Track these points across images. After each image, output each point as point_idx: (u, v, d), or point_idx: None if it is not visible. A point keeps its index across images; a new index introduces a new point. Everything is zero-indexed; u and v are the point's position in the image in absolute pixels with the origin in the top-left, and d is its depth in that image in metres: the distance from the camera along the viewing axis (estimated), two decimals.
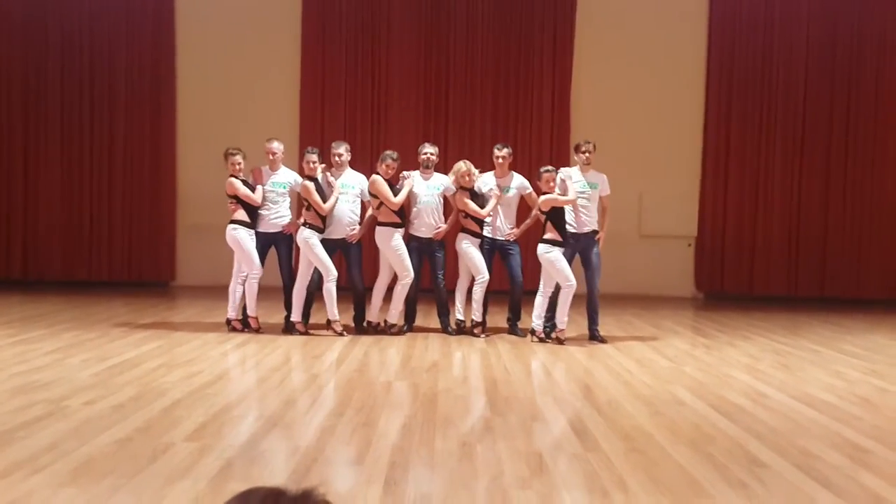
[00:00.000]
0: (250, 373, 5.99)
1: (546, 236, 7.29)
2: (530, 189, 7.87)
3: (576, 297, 7.41)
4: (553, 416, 4.79)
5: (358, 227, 7.73)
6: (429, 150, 7.79)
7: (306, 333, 7.54)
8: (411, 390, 5.37)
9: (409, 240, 7.74)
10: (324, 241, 7.47)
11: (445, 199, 7.87)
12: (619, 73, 11.73)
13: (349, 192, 7.68)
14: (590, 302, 7.61)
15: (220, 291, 8.24)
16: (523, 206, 8.05)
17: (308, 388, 5.44)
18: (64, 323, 7.91)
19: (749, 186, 11.75)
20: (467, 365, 6.36)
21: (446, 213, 7.90)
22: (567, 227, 7.40)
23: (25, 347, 6.50)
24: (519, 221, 7.88)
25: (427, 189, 7.72)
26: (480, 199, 7.63)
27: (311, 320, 7.81)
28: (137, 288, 11.37)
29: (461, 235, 7.69)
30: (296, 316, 7.57)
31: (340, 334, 7.49)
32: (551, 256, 7.24)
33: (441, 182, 7.80)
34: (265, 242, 7.73)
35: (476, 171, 7.60)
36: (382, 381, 5.67)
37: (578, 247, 7.51)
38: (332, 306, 7.48)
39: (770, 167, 11.72)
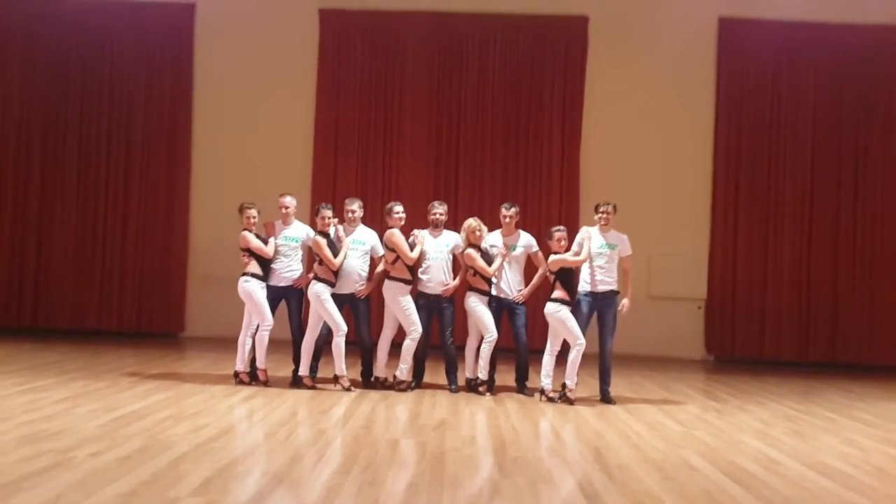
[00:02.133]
0: (257, 427, 5.95)
1: (554, 295, 7.31)
2: (536, 248, 7.91)
3: (588, 356, 7.40)
4: (562, 479, 4.72)
5: (366, 282, 7.76)
6: (438, 210, 7.88)
7: (313, 387, 7.51)
8: (419, 448, 5.32)
9: (418, 296, 7.76)
10: (332, 296, 7.50)
11: (454, 256, 7.91)
12: (629, 134, 11.89)
13: (359, 247, 7.74)
14: (602, 362, 7.55)
15: (229, 343, 8.24)
16: (530, 266, 8.06)
17: (315, 444, 5.40)
18: (73, 372, 7.91)
19: (758, 249, 11.77)
20: (475, 424, 6.30)
21: (455, 271, 7.93)
22: (582, 283, 7.43)
23: (34, 396, 6.49)
24: (526, 281, 7.89)
25: (436, 246, 7.77)
26: (487, 257, 7.67)
27: (319, 374, 7.79)
28: (147, 338, 11.38)
29: (469, 293, 7.70)
30: (304, 370, 7.56)
31: (348, 389, 7.46)
32: (560, 315, 7.24)
33: (450, 240, 7.86)
34: (276, 296, 7.77)
35: (485, 229, 7.66)
36: (389, 438, 5.61)
37: (596, 305, 7.48)
38: (339, 361, 7.47)
39: (779, 230, 11.75)
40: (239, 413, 6.42)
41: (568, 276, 7.33)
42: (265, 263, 7.67)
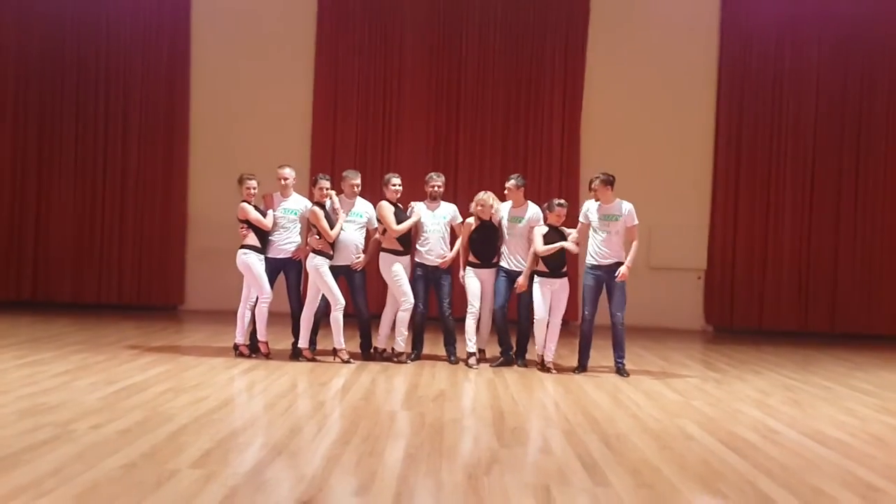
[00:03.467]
0: (257, 399, 5.96)
1: (537, 269, 7.46)
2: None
3: (601, 328, 7.51)
4: (561, 449, 4.74)
5: (363, 255, 7.77)
6: (436, 182, 7.85)
7: (313, 360, 7.53)
8: (417, 420, 5.34)
9: (415, 267, 7.76)
10: (329, 268, 7.51)
11: (452, 228, 7.89)
12: (629, 105, 11.81)
13: (357, 220, 7.74)
14: (614, 335, 7.53)
15: (228, 316, 8.25)
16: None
17: (314, 415, 5.42)
18: (72, 345, 7.92)
19: (759, 220, 11.74)
20: (475, 395, 6.32)
21: (453, 242, 7.91)
22: (588, 257, 7.46)
23: (34, 370, 6.50)
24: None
25: (433, 218, 7.76)
26: (487, 230, 7.65)
27: (319, 347, 7.81)
28: (146, 311, 11.40)
29: (467, 267, 7.73)
30: (303, 342, 7.57)
31: (347, 362, 7.47)
32: (534, 288, 7.41)
33: (447, 211, 7.84)
34: (275, 268, 7.75)
35: (497, 206, 7.67)
36: (388, 409, 5.63)
37: (603, 278, 7.45)
38: (338, 335, 7.49)
39: (780, 201, 11.71)
40: (238, 385, 6.44)
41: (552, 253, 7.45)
42: (263, 236, 7.64)
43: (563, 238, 7.49)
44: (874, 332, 11.47)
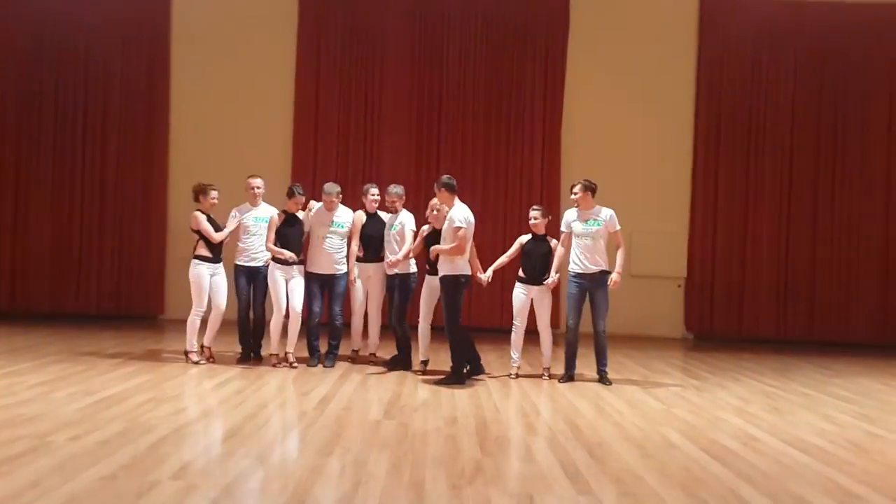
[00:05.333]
0: (238, 409, 5.92)
1: (518, 275, 7.67)
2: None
3: (583, 336, 7.58)
4: (544, 458, 4.75)
5: (346, 263, 7.87)
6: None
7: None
8: (400, 429, 5.32)
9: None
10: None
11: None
12: (609, 113, 11.89)
13: (338, 230, 7.84)
14: (596, 343, 7.53)
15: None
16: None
17: (296, 425, 5.39)
18: (50, 356, 7.83)
19: (738, 228, 11.84)
20: (457, 404, 6.32)
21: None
22: (571, 265, 7.48)
23: (11, 380, 6.42)
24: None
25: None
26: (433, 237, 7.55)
27: (299, 354, 7.81)
28: (126, 321, 11.28)
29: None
30: (274, 348, 7.80)
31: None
32: (513, 295, 7.66)
33: (403, 220, 7.80)
34: (248, 275, 7.92)
35: (443, 209, 7.45)
36: (371, 419, 5.62)
37: (586, 286, 7.45)
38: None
39: (759, 210, 11.82)
40: (219, 396, 6.39)
41: (526, 258, 7.56)
42: (213, 246, 7.78)
43: (547, 247, 7.52)
44: (851, 339, 11.59)
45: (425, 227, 7.73)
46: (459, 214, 7.10)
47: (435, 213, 7.55)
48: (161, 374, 7.10)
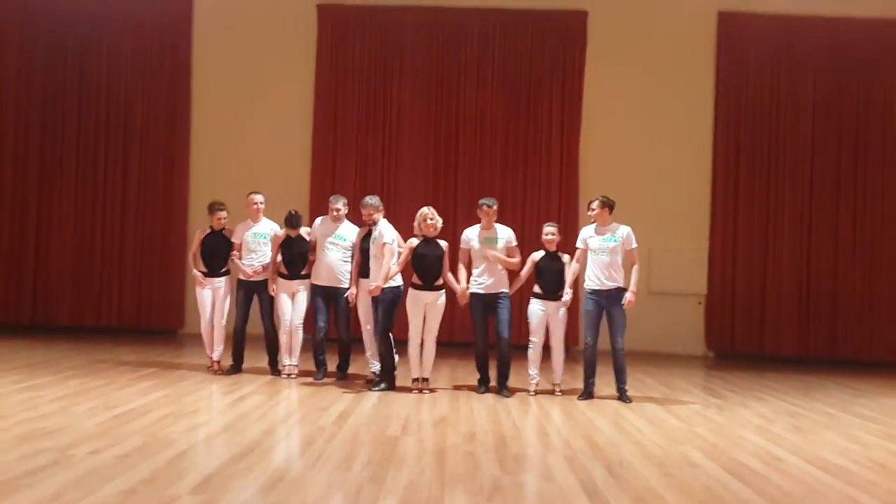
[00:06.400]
0: (257, 424, 5.92)
1: (534, 290, 7.67)
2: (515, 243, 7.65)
3: (602, 354, 7.52)
4: (563, 476, 4.71)
5: (349, 277, 7.78)
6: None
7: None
8: (418, 446, 5.30)
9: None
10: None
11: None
12: (628, 129, 11.86)
13: (339, 243, 7.86)
14: (615, 361, 7.49)
15: (228, 340, 8.22)
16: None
17: (314, 441, 5.38)
18: (71, 369, 7.89)
19: (758, 245, 11.74)
20: (475, 420, 6.29)
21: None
22: (588, 281, 7.45)
23: (32, 394, 6.47)
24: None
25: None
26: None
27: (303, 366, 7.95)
28: (146, 335, 11.36)
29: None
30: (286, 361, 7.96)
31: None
32: (529, 310, 7.64)
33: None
34: (248, 290, 8.07)
35: (438, 220, 7.36)
36: (389, 435, 5.60)
37: (603, 303, 7.40)
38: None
39: (779, 226, 11.72)
40: (238, 410, 6.40)
41: (540, 275, 7.52)
42: (211, 260, 8.10)
43: (561, 264, 7.50)
44: (875, 358, 11.43)
45: (413, 240, 7.38)
46: (506, 234, 7.58)
47: (429, 222, 7.29)
48: (180, 388, 7.13)
